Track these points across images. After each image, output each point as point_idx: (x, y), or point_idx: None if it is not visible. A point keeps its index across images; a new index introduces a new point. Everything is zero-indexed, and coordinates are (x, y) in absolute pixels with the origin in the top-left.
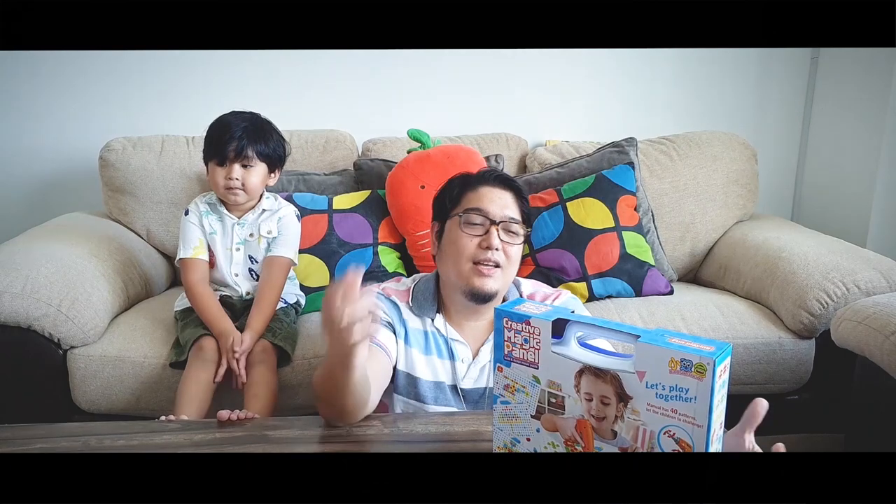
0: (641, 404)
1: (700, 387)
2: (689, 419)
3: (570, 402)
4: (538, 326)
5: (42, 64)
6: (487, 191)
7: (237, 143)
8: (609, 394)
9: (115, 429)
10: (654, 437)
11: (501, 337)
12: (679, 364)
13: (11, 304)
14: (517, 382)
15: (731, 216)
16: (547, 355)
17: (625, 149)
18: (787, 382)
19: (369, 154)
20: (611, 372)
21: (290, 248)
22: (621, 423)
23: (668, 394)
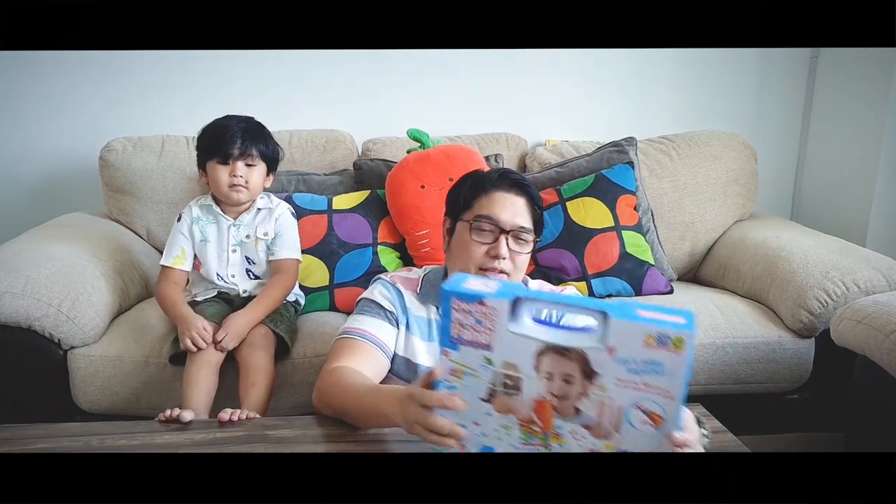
0: (610, 380)
1: (676, 360)
2: (662, 392)
3: (527, 382)
4: (494, 306)
5: (42, 64)
6: (500, 196)
7: (241, 141)
8: (573, 371)
9: (115, 429)
10: (621, 412)
11: (448, 319)
12: (655, 339)
13: (12, 305)
14: (466, 366)
15: (731, 215)
16: (503, 336)
17: (624, 148)
18: (787, 381)
19: (369, 154)
20: (576, 350)
21: (293, 248)
22: (585, 401)
23: (641, 368)
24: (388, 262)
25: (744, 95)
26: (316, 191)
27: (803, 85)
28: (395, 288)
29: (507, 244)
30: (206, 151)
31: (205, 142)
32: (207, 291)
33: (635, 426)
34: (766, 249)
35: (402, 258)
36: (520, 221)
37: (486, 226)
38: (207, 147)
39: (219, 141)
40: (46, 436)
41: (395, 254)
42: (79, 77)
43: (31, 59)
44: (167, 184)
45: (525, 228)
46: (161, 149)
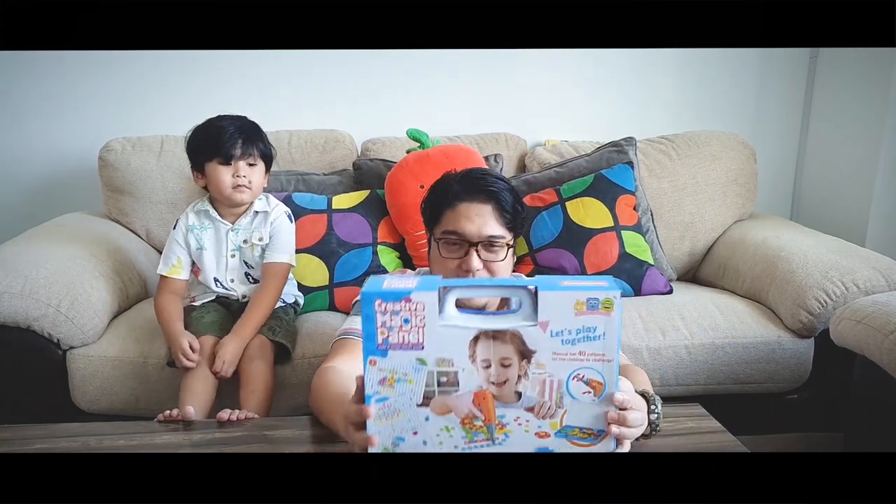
0: (546, 355)
1: (608, 321)
2: (598, 357)
3: (464, 375)
4: (421, 301)
5: (41, 64)
6: (465, 208)
7: (241, 141)
8: (510, 353)
9: (114, 429)
10: (562, 386)
11: (372, 324)
12: (585, 304)
13: (11, 305)
14: (396, 372)
15: (731, 215)
16: (434, 331)
17: (624, 148)
18: (787, 381)
19: (368, 154)
20: (510, 330)
21: (285, 251)
22: (525, 382)
23: (575, 337)
24: (388, 262)
25: (743, 95)
26: (315, 191)
27: (803, 85)
28: None
29: (479, 255)
30: (203, 153)
31: (200, 143)
32: (205, 295)
33: (577, 398)
34: (766, 249)
35: (401, 258)
36: (488, 230)
37: (454, 240)
38: (205, 148)
39: (218, 141)
40: (45, 436)
41: (394, 254)
42: (78, 77)
43: (30, 59)
44: (166, 184)
45: (495, 236)
46: (160, 149)
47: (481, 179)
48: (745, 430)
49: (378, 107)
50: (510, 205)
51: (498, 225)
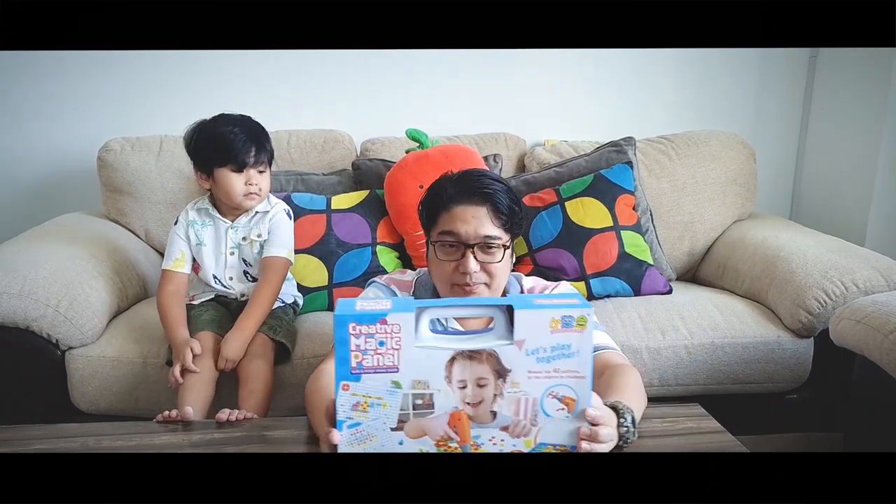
0: (521, 374)
1: (581, 338)
2: (572, 374)
3: (439, 397)
4: (398, 322)
5: (41, 64)
6: (461, 210)
7: (254, 148)
8: (486, 373)
9: (113, 429)
10: (536, 404)
11: (346, 348)
12: (560, 322)
13: (10, 305)
14: (370, 396)
15: (730, 215)
16: (410, 353)
17: (623, 148)
18: (786, 381)
19: (368, 154)
20: (487, 350)
21: (283, 246)
22: (501, 401)
23: (550, 355)
24: (387, 262)
25: (743, 95)
26: (315, 191)
27: (802, 84)
28: (390, 290)
29: (476, 257)
30: (214, 159)
31: (210, 149)
32: (205, 294)
33: (550, 415)
34: (766, 249)
35: (400, 258)
36: (484, 232)
37: (451, 242)
38: (216, 155)
39: (231, 149)
40: (44, 436)
41: (393, 254)
42: (78, 77)
43: (30, 59)
44: (165, 184)
45: (491, 237)
46: (159, 149)
47: (477, 181)
48: (744, 430)
49: (377, 107)
50: (506, 206)
51: (493, 226)
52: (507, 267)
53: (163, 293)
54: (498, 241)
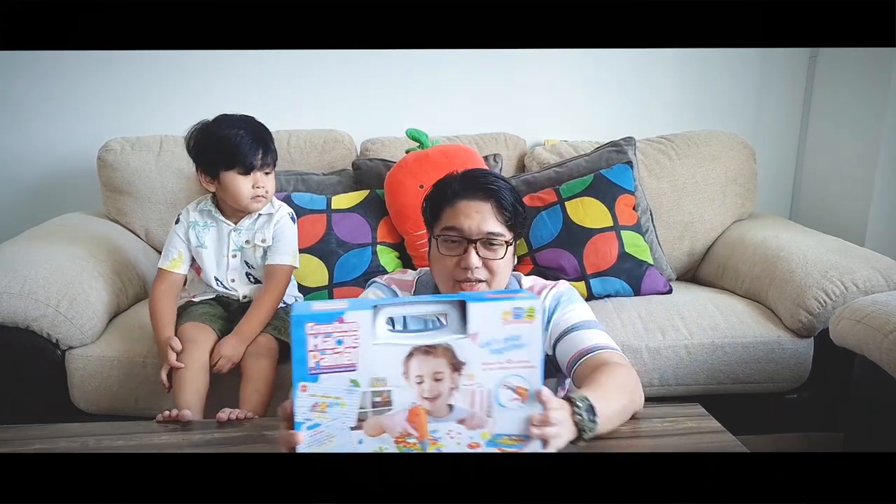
0: (476, 367)
1: (532, 329)
2: (524, 364)
3: (397, 393)
4: (356, 320)
5: (40, 64)
6: (464, 205)
7: (262, 151)
8: (442, 367)
9: (113, 429)
10: (491, 395)
11: (303, 348)
12: (511, 314)
13: (10, 305)
14: (329, 396)
15: (730, 215)
16: (368, 351)
17: (623, 148)
18: (786, 381)
19: (368, 154)
20: (443, 345)
21: (287, 253)
22: (457, 394)
23: (503, 346)
24: (388, 262)
25: (743, 95)
26: (315, 190)
27: (802, 84)
28: (391, 290)
29: (478, 253)
30: (221, 162)
31: (216, 152)
32: (205, 294)
33: (505, 405)
34: (765, 249)
35: (401, 258)
36: (487, 227)
37: (453, 237)
38: (223, 158)
39: (236, 151)
40: (44, 436)
41: (394, 253)
42: (77, 77)
43: (29, 59)
44: (165, 184)
45: (494, 233)
46: (159, 149)
47: (481, 178)
48: (744, 429)
49: (377, 107)
50: (510, 203)
51: (497, 222)
52: (508, 265)
53: (155, 291)
54: (501, 237)
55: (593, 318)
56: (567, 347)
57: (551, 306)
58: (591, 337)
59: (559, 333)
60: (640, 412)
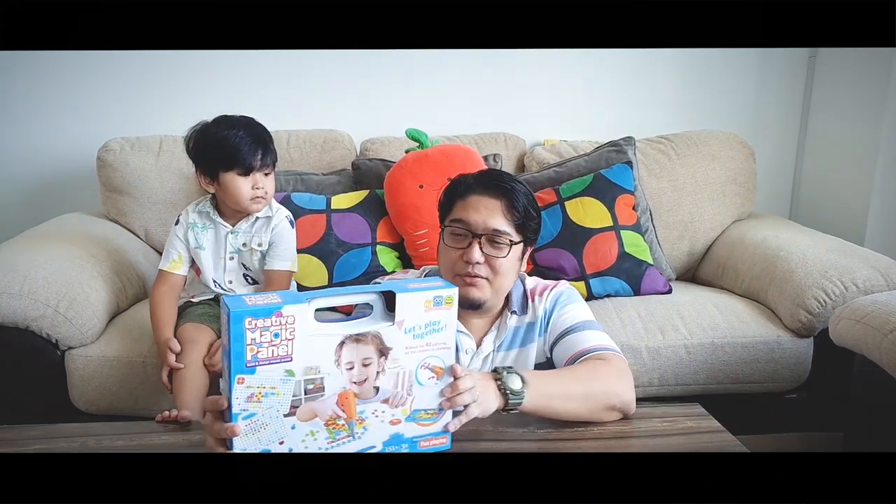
0: (400, 350)
1: (449, 314)
2: (441, 345)
3: (329, 380)
4: (293, 314)
5: (40, 64)
6: (476, 200)
7: (262, 152)
8: (371, 353)
9: (113, 429)
10: (412, 375)
11: (242, 343)
12: (433, 302)
13: (9, 305)
14: (264, 387)
15: (730, 215)
16: (303, 342)
17: (623, 148)
18: (786, 381)
19: (367, 154)
20: (372, 332)
21: (286, 259)
22: (383, 377)
23: (424, 331)
24: (387, 262)
25: (742, 95)
26: (314, 190)
27: (801, 84)
28: None
29: (481, 248)
30: (219, 163)
31: (215, 153)
32: (204, 294)
33: (423, 384)
34: (765, 249)
35: (400, 258)
36: (494, 224)
37: (459, 230)
38: (221, 158)
39: (236, 152)
40: (44, 436)
41: (393, 253)
42: (77, 77)
43: (29, 59)
44: (165, 184)
45: (500, 231)
46: (159, 149)
47: (498, 177)
48: (744, 429)
49: (377, 106)
50: (522, 205)
51: (505, 221)
52: (513, 267)
53: (156, 292)
54: (506, 236)
55: (592, 319)
56: (565, 348)
57: (549, 307)
58: (590, 338)
59: (557, 335)
60: (640, 412)
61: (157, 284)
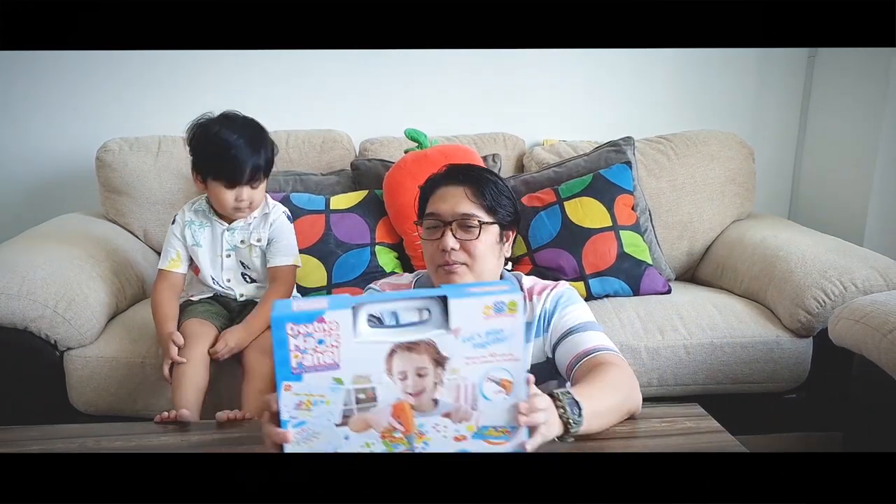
0: (459, 361)
1: (514, 323)
2: (507, 357)
3: (381, 389)
4: (336, 320)
5: (39, 64)
6: (443, 191)
7: (251, 166)
8: (425, 363)
9: (112, 430)
10: (475, 389)
11: (285, 349)
12: (492, 308)
13: (8, 306)
14: (313, 394)
15: (729, 215)
16: (350, 349)
17: (622, 148)
18: (785, 381)
19: (366, 154)
20: (424, 341)
21: (289, 254)
22: (441, 389)
23: (485, 340)
24: (386, 263)
25: (741, 95)
26: (313, 191)
27: (800, 84)
28: None
29: (454, 234)
30: (207, 168)
31: (205, 156)
32: (203, 293)
33: (490, 398)
34: (764, 249)
35: (399, 258)
36: (461, 209)
37: (432, 222)
38: (210, 166)
39: (224, 163)
40: (42, 437)
41: (392, 254)
42: (76, 77)
43: (27, 59)
44: (164, 184)
45: (467, 215)
46: (158, 149)
47: (462, 168)
48: (743, 429)
49: (376, 107)
50: (490, 190)
51: (472, 204)
52: (490, 251)
53: (157, 291)
54: (474, 217)
55: (592, 320)
56: (566, 350)
57: (550, 308)
58: (589, 339)
59: (558, 336)
60: (639, 412)
61: (157, 283)
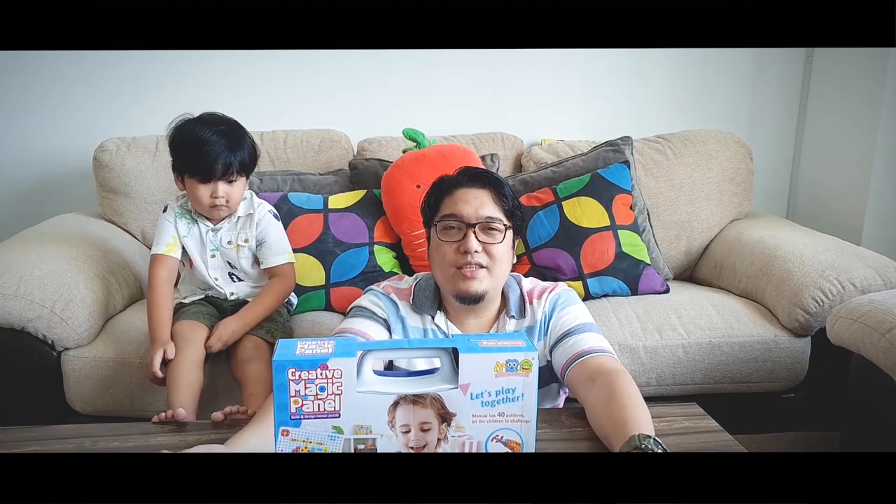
0: (466, 418)
1: (526, 383)
2: (517, 418)
3: (382, 441)
4: (339, 368)
5: (36, 64)
6: (462, 193)
7: (224, 161)
8: (430, 418)
9: (109, 430)
10: (481, 447)
11: (285, 394)
12: (505, 366)
13: (5, 306)
14: (311, 441)
15: (727, 214)
16: (351, 398)
17: (620, 147)
18: (783, 381)
19: (365, 154)
20: (431, 394)
21: (283, 252)
22: (445, 445)
23: (495, 399)
24: (385, 262)
25: (739, 94)
26: (311, 190)
27: (798, 83)
28: (389, 298)
29: (477, 237)
30: (183, 164)
31: (180, 153)
32: (195, 295)
33: None
34: (762, 248)
35: (398, 258)
36: (485, 212)
37: (453, 224)
38: (185, 161)
39: (198, 157)
40: (40, 438)
41: (391, 253)
42: (73, 77)
43: (24, 60)
44: (161, 184)
45: (492, 218)
46: (155, 149)
47: (480, 171)
48: (742, 429)
49: (374, 106)
50: (508, 193)
51: (496, 207)
52: (508, 254)
53: (155, 277)
54: (499, 221)
55: (590, 321)
56: (562, 352)
57: (549, 310)
58: (585, 341)
59: (556, 338)
60: None
61: (154, 269)
